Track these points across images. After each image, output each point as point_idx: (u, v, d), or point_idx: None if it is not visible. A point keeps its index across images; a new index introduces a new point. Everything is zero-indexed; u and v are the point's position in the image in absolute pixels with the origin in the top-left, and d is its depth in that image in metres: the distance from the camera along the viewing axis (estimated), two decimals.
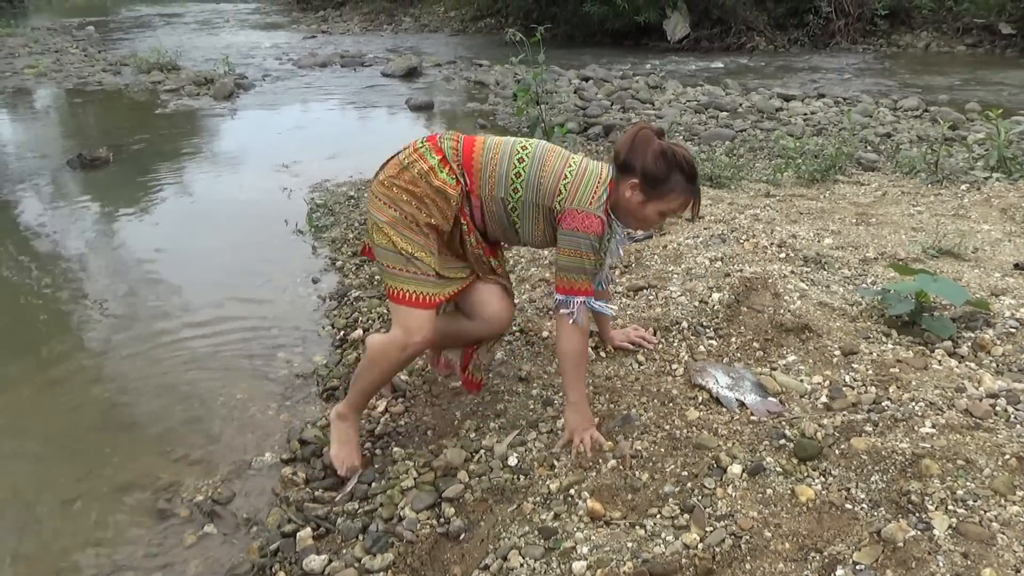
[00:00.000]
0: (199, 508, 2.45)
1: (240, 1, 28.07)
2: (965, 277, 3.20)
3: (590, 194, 2.19)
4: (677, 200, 2.21)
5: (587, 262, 2.19)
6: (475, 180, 2.25)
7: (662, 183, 2.16)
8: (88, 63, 12.71)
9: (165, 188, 6.11)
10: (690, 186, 2.20)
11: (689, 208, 2.25)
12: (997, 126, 5.34)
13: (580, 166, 2.26)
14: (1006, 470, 1.92)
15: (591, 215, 2.17)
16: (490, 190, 2.25)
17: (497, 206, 2.27)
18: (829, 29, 13.76)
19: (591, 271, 2.22)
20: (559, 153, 2.29)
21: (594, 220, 2.17)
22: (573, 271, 2.19)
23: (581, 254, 2.18)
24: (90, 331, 3.74)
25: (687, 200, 2.22)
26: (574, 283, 2.20)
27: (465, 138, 2.32)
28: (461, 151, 2.27)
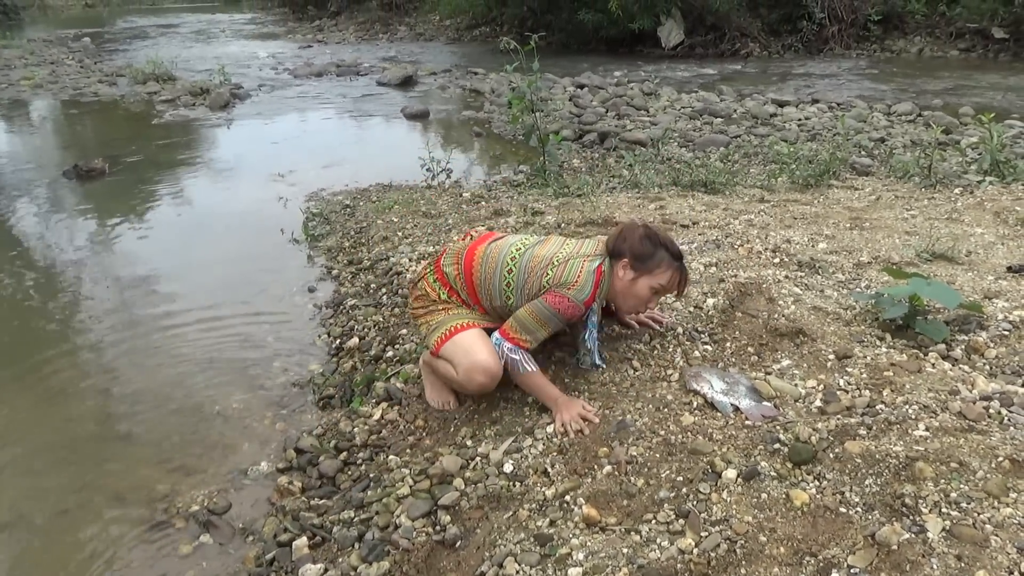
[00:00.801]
0: (195, 518, 2.45)
1: (236, 11, 28.17)
2: (959, 280, 3.21)
3: (572, 280, 2.42)
4: (665, 274, 2.47)
5: (542, 331, 2.45)
6: (479, 295, 2.58)
7: (649, 259, 2.46)
8: (84, 74, 12.74)
9: (161, 198, 6.12)
10: (675, 262, 2.48)
11: (677, 285, 2.52)
12: (990, 130, 5.37)
13: (566, 252, 2.51)
14: (999, 472, 1.93)
15: (569, 300, 2.41)
16: (490, 301, 2.57)
17: (498, 309, 2.57)
18: (823, 35, 13.83)
19: (540, 339, 2.46)
20: (543, 256, 2.50)
21: (570, 305, 2.42)
22: (526, 330, 2.44)
23: (541, 322, 2.43)
24: (86, 341, 3.74)
25: (674, 275, 2.48)
26: (520, 337, 2.44)
27: (466, 255, 2.59)
28: (463, 273, 2.58)
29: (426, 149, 6.12)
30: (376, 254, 4.36)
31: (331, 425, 2.82)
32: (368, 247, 4.55)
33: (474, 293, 2.57)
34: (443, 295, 2.59)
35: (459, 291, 2.59)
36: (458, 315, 2.56)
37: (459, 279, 2.58)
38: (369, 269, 4.22)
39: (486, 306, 2.58)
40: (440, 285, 2.61)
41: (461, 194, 5.50)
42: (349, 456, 2.63)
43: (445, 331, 2.52)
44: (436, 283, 2.62)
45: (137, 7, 30.91)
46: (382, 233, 4.68)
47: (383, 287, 3.90)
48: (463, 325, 2.53)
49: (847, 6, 13.71)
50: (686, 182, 5.24)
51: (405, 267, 3.98)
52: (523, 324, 2.44)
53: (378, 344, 3.34)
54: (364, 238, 4.71)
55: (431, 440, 2.57)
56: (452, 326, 2.53)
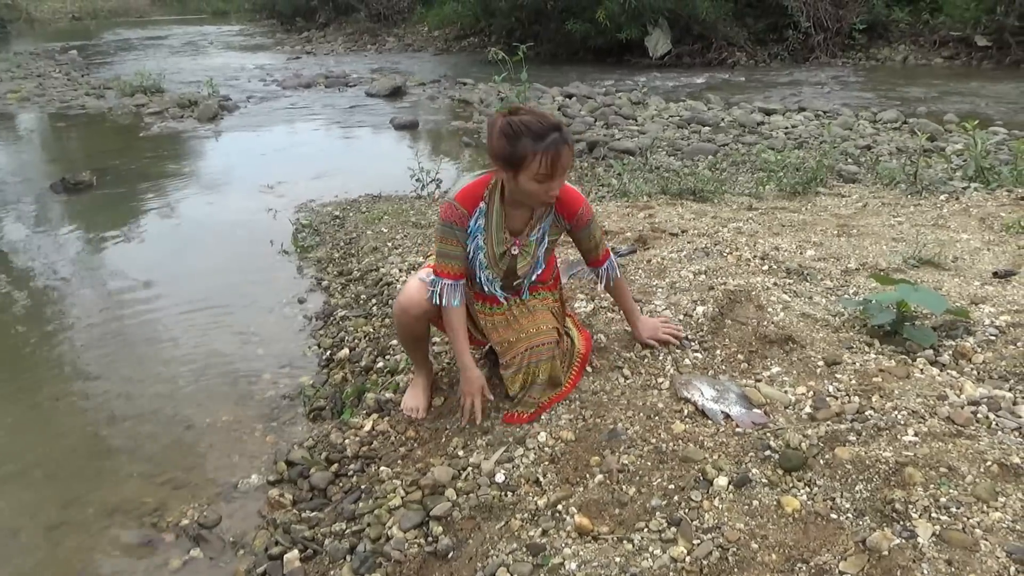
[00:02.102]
0: (185, 532, 2.43)
1: (224, 24, 28.18)
2: (945, 286, 3.23)
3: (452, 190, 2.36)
4: (535, 162, 2.17)
5: (441, 245, 2.39)
6: None
7: (513, 155, 2.19)
8: (71, 87, 12.70)
9: (149, 211, 6.10)
10: (540, 143, 2.16)
11: (555, 162, 2.18)
12: (974, 137, 5.42)
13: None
14: (988, 477, 1.94)
15: (447, 203, 2.40)
16: None
17: None
18: (808, 44, 13.96)
19: (449, 255, 2.38)
20: None
21: (446, 207, 2.39)
22: (437, 254, 2.42)
23: (440, 237, 2.40)
24: (74, 355, 3.72)
25: (545, 157, 2.16)
26: (438, 264, 2.41)
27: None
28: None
29: (415, 159, 6.13)
30: (366, 265, 4.35)
31: (322, 437, 2.81)
32: (358, 258, 4.54)
33: None
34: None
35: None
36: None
37: None
38: (359, 280, 4.21)
39: None
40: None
41: None
42: (340, 468, 2.62)
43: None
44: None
45: (125, 20, 30.86)
46: (372, 244, 4.68)
47: (373, 298, 3.90)
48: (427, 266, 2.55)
49: (832, 15, 13.84)
50: (675, 190, 5.26)
51: (395, 277, 3.98)
52: (436, 251, 2.44)
53: (369, 355, 3.33)
54: (354, 249, 4.71)
55: (422, 451, 2.56)
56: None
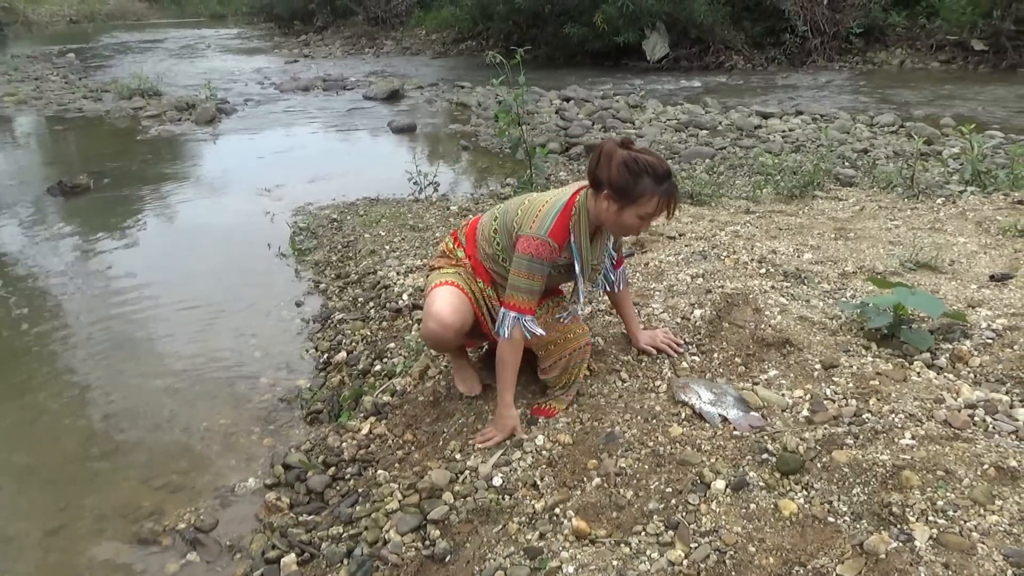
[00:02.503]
0: (181, 536, 2.43)
1: (222, 27, 28.18)
2: (942, 289, 3.24)
3: (532, 218, 2.38)
4: (651, 202, 2.28)
5: (527, 281, 2.36)
6: (473, 245, 2.59)
7: (631, 190, 2.27)
8: (69, 90, 12.69)
9: (147, 214, 6.09)
10: (660, 187, 2.27)
11: (665, 209, 2.32)
12: (971, 141, 5.43)
13: (532, 198, 2.49)
14: (985, 480, 1.94)
15: (531, 239, 2.34)
16: (487, 251, 2.54)
17: (491, 261, 2.54)
18: (805, 47, 13.97)
19: (532, 290, 2.38)
20: (523, 195, 2.54)
21: (534, 243, 2.34)
22: (516, 289, 2.38)
23: (522, 274, 2.36)
24: (71, 359, 3.71)
25: (661, 200, 2.29)
26: (516, 300, 2.38)
27: (475, 219, 2.67)
28: (468, 225, 2.67)
29: (413, 163, 6.13)
30: (363, 268, 4.35)
31: (319, 440, 2.81)
32: (355, 261, 4.54)
33: (472, 241, 2.61)
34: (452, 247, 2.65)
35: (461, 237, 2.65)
36: (442, 273, 2.59)
37: (464, 230, 2.67)
38: (357, 283, 4.21)
39: (480, 256, 2.57)
40: (455, 244, 2.67)
41: (448, 207, 5.51)
42: (337, 471, 2.62)
43: (428, 287, 2.59)
44: (451, 241, 2.70)
45: (122, 23, 30.84)
46: (369, 247, 4.68)
47: (371, 301, 3.90)
48: (440, 282, 2.55)
49: (829, 19, 13.87)
50: None
51: (392, 280, 3.98)
52: (512, 285, 2.39)
53: (366, 358, 3.33)
54: (351, 252, 4.71)
55: (420, 454, 2.56)
56: (433, 283, 2.57)
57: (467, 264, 2.60)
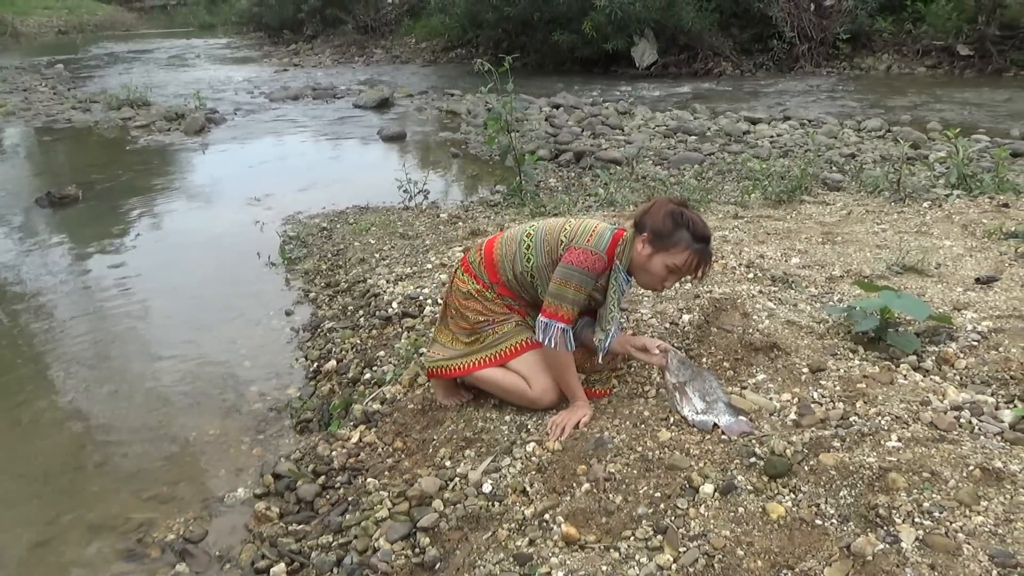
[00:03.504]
0: (171, 547, 2.42)
1: (211, 36, 28.16)
2: (928, 292, 3.27)
3: (587, 235, 2.46)
4: (682, 255, 2.37)
5: (573, 292, 2.41)
6: (498, 270, 2.62)
7: (668, 237, 2.37)
8: (57, 101, 12.65)
9: (136, 224, 6.08)
10: (696, 244, 2.37)
11: (694, 268, 2.40)
12: (956, 145, 5.48)
13: (579, 219, 2.58)
14: (970, 481, 1.96)
15: (588, 251, 2.42)
16: (512, 270, 2.59)
17: (520, 279, 2.60)
18: (793, 53, 14.07)
19: (576, 301, 2.43)
20: (557, 223, 2.60)
21: (590, 256, 2.41)
22: (559, 298, 2.42)
23: (569, 284, 2.41)
24: (60, 370, 3.69)
25: (692, 256, 2.37)
26: (558, 310, 2.42)
27: (486, 244, 2.70)
28: (483, 257, 2.66)
29: (403, 170, 6.14)
30: (353, 276, 4.35)
31: (309, 449, 2.80)
32: (345, 269, 4.54)
33: (492, 270, 2.62)
34: (473, 286, 2.64)
35: (481, 276, 2.64)
36: (523, 329, 2.61)
37: (480, 264, 2.65)
38: (346, 291, 4.21)
39: (506, 279, 2.60)
40: (469, 277, 2.67)
41: (438, 215, 5.51)
42: (327, 480, 2.61)
43: (516, 343, 2.58)
44: (464, 275, 2.70)
45: (111, 33, 30.78)
46: (359, 255, 4.68)
47: (360, 309, 3.90)
48: (531, 342, 2.57)
49: (816, 25, 13.97)
50: None
51: (382, 288, 3.98)
52: (555, 294, 2.43)
53: (356, 366, 3.33)
54: (341, 260, 4.71)
55: (410, 462, 2.56)
56: (523, 340, 2.59)
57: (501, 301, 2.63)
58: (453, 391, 2.78)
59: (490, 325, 2.63)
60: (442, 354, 2.69)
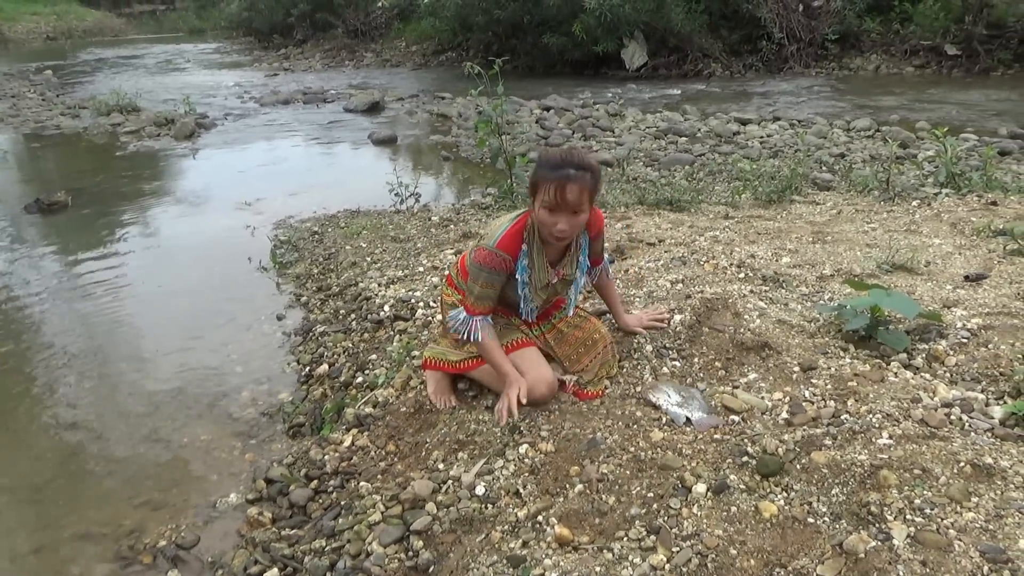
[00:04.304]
0: (163, 553, 2.41)
1: (201, 41, 28.10)
2: (918, 290, 3.28)
3: (492, 228, 2.57)
4: (543, 189, 2.34)
5: (476, 287, 2.52)
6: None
7: (534, 182, 2.40)
8: (46, 107, 12.60)
9: (126, 230, 6.05)
10: (552, 172, 2.32)
11: (557, 195, 2.30)
12: (944, 144, 5.51)
13: (495, 220, 2.67)
14: (961, 477, 1.96)
15: (483, 249, 2.51)
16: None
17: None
18: (782, 54, 14.13)
19: (483, 296, 2.52)
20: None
21: (483, 252, 2.50)
22: (468, 291, 2.56)
23: (473, 279, 2.53)
24: (50, 376, 3.67)
25: (551, 187, 2.30)
26: (467, 300, 2.56)
27: (461, 257, 2.80)
28: (459, 268, 2.74)
29: (394, 174, 6.13)
30: (345, 280, 4.34)
31: (301, 453, 2.79)
32: (337, 273, 4.53)
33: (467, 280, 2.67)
34: (456, 298, 2.72)
35: (462, 287, 2.70)
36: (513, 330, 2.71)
37: (459, 276, 2.74)
38: (338, 295, 4.20)
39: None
40: (452, 290, 2.78)
41: (430, 218, 5.51)
42: (320, 484, 2.60)
43: (507, 343, 2.65)
44: (448, 288, 2.81)
45: (100, 39, 30.69)
46: (351, 259, 4.67)
47: (352, 313, 3.89)
48: (523, 341, 2.67)
49: (805, 26, 14.04)
50: (652, 200, 5.30)
51: (374, 292, 3.97)
52: (467, 288, 2.56)
53: (348, 370, 3.32)
54: (333, 264, 4.70)
55: (402, 465, 2.55)
56: (513, 339, 2.66)
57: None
58: (443, 389, 2.79)
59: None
60: (441, 348, 2.80)
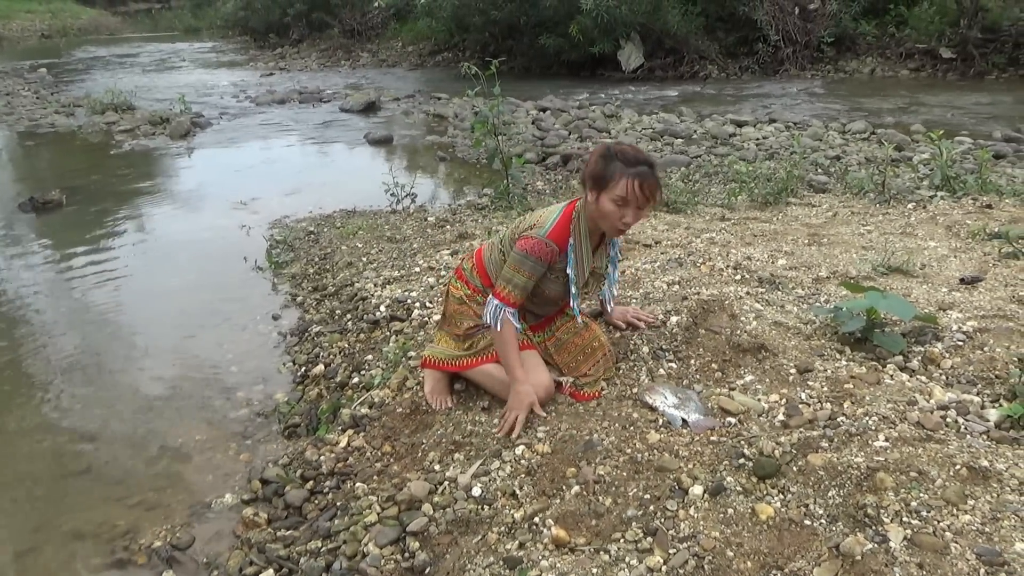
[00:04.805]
0: (157, 554, 2.40)
1: (196, 40, 28.04)
2: (914, 293, 3.29)
3: (531, 223, 2.56)
4: (620, 183, 2.38)
5: (524, 279, 2.51)
6: (488, 274, 2.70)
7: (603, 174, 2.41)
8: (40, 105, 12.55)
9: (121, 229, 6.03)
10: (629, 168, 2.38)
11: (637, 191, 2.37)
12: (940, 147, 5.52)
13: (535, 211, 2.65)
14: (957, 480, 1.97)
15: (532, 238, 2.50)
16: (498, 271, 2.63)
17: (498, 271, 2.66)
18: (778, 57, 14.15)
19: (524, 287, 2.52)
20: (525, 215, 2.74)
21: (532, 241, 2.49)
22: (509, 282, 2.52)
23: (521, 271, 2.50)
24: (45, 376, 3.65)
25: (631, 181, 2.37)
26: (501, 290, 2.53)
27: (477, 251, 2.82)
28: (475, 262, 2.78)
29: (390, 174, 6.12)
30: (341, 280, 4.34)
31: (297, 454, 2.78)
32: (333, 273, 4.52)
33: (484, 275, 2.71)
34: (465, 291, 2.74)
35: (473, 281, 2.74)
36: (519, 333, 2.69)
37: (473, 270, 2.76)
38: (334, 295, 4.19)
39: (495, 280, 2.64)
40: (461, 283, 2.78)
41: (426, 218, 5.50)
42: (316, 485, 2.60)
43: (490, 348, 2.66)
44: (457, 282, 2.81)
45: (95, 37, 30.58)
46: (347, 259, 4.66)
47: (348, 313, 3.88)
48: (527, 344, 2.68)
49: (801, 29, 14.06)
50: None
51: (370, 292, 3.97)
52: (504, 277, 2.53)
53: (344, 371, 3.32)
54: (328, 264, 4.69)
55: (399, 466, 2.55)
56: (521, 340, 2.65)
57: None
58: (440, 390, 2.78)
59: (481, 329, 2.70)
60: (441, 347, 2.79)
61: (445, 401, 2.75)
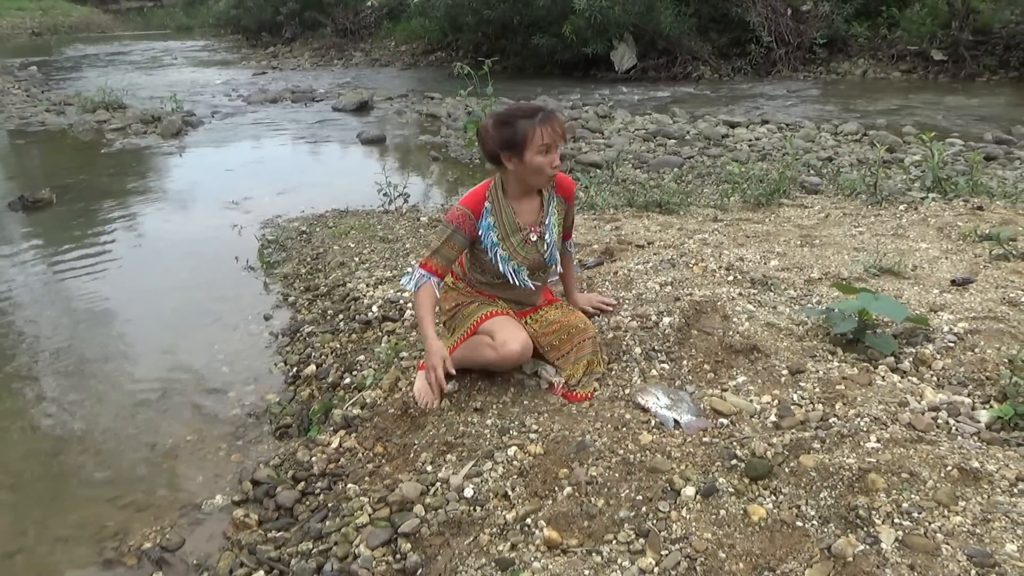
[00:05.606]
0: (147, 556, 2.38)
1: (188, 38, 27.94)
2: (905, 294, 3.30)
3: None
4: (536, 134, 2.52)
5: (438, 243, 2.66)
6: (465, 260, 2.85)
7: (515, 138, 2.54)
8: (31, 103, 12.48)
9: (111, 228, 6.00)
10: (535, 119, 2.53)
11: (553, 130, 2.54)
12: (931, 148, 5.53)
13: None
14: (948, 481, 1.97)
15: (455, 210, 2.69)
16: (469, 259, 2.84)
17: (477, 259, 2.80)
18: (771, 58, 14.18)
19: (442, 253, 2.65)
20: None
21: (454, 212, 2.68)
22: (429, 249, 2.69)
23: (438, 237, 2.67)
24: (34, 376, 3.63)
25: (543, 128, 2.52)
26: (424, 258, 2.68)
27: None
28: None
29: (383, 174, 6.10)
30: (333, 280, 4.32)
31: (288, 455, 2.77)
32: (325, 273, 4.51)
33: (462, 263, 2.86)
34: (449, 279, 2.85)
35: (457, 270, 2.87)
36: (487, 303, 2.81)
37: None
38: (326, 295, 4.18)
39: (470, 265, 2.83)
40: (452, 278, 2.90)
41: (419, 218, 5.49)
42: (307, 486, 2.58)
43: (483, 314, 2.76)
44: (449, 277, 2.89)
45: (86, 35, 30.42)
46: (339, 259, 4.65)
47: (340, 313, 3.87)
48: (499, 312, 2.76)
49: (793, 30, 14.09)
50: (641, 203, 5.31)
51: (362, 292, 3.96)
52: (429, 246, 2.71)
53: (336, 371, 3.31)
54: (320, 264, 4.67)
55: (390, 467, 2.54)
56: (490, 311, 2.76)
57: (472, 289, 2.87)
58: (429, 389, 2.75)
59: (461, 308, 2.85)
60: None
61: (432, 400, 2.73)
